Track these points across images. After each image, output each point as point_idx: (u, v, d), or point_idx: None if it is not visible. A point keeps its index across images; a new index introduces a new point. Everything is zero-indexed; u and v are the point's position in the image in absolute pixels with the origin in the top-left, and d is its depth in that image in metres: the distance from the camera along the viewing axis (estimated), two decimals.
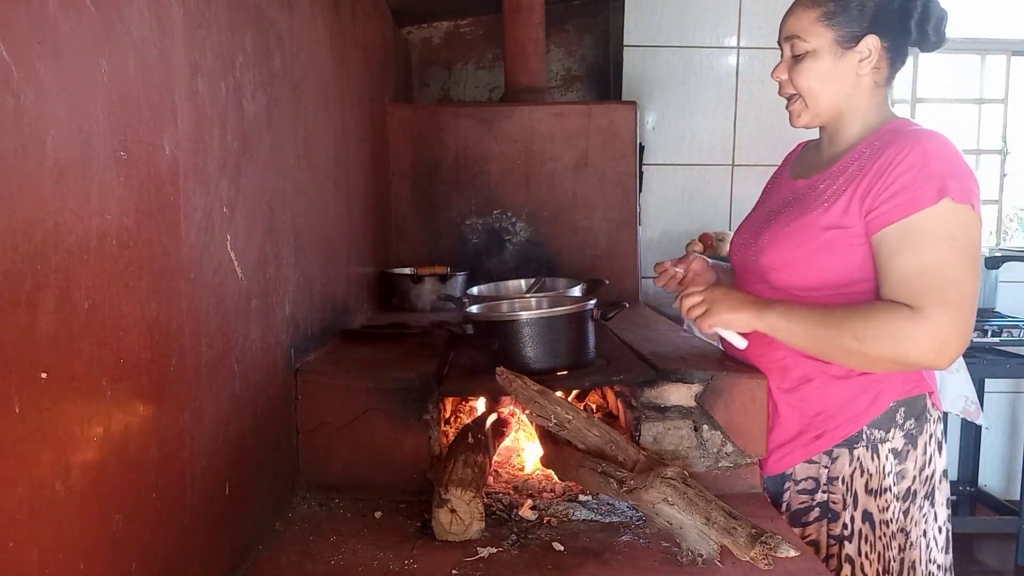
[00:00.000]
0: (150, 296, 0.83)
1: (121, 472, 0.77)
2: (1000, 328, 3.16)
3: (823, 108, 1.36)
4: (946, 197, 1.19)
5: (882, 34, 1.31)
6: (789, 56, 1.36)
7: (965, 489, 3.57)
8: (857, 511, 1.34)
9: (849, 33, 1.30)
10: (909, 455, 1.34)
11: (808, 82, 1.34)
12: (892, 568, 1.34)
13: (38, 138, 0.63)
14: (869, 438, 1.33)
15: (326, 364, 1.48)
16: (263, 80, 1.25)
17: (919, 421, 1.35)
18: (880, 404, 1.33)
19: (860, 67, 1.32)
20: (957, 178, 1.20)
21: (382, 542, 1.21)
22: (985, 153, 3.85)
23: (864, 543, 1.34)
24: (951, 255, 1.19)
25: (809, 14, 1.32)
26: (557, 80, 3.66)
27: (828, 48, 1.31)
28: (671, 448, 1.41)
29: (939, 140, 1.26)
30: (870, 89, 1.35)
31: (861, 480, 1.34)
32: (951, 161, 1.22)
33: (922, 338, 1.18)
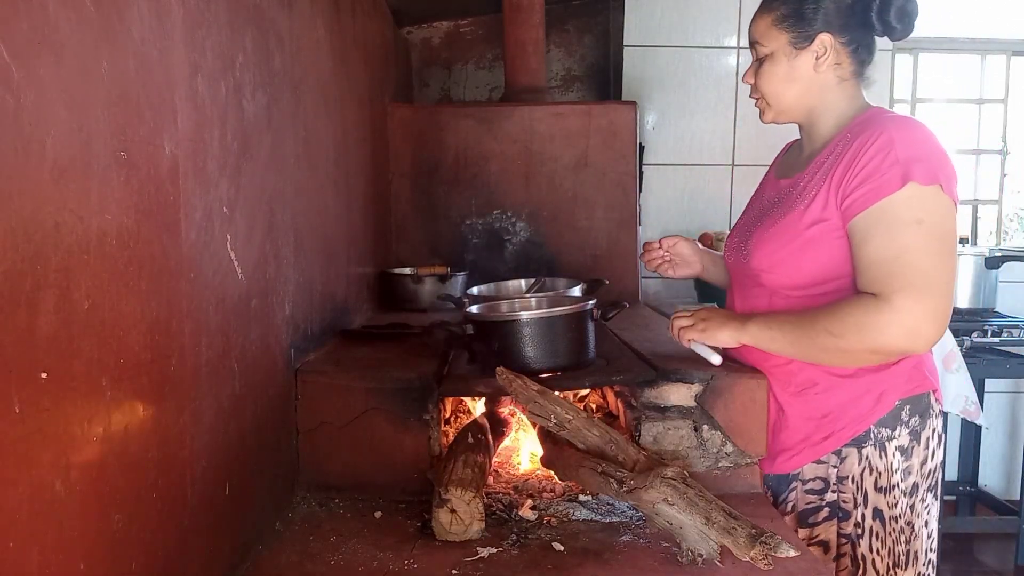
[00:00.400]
0: (150, 296, 0.83)
1: (121, 472, 0.77)
2: (1000, 328, 3.16)
3: (786, 106, 1.41)
4: (911, 181, 1.20)
5: (836, 31, 1.34)
6: (754, 59, 1.42)
7: (965, 489, 3.57)
8: (868, 509, 1.36)
9: (801, 34, 1.34)
10: (914, 451, 1.36)
11: (768, 84, 1.39)
12: (901, 561, 1.36)
13: (38, 138, 0.63)
14: (877, 437, 1.35)
15: (326, 364, 1.48)
16: (263, 80, 1.25)
17: (923, 418, 1.37)
18: (885, 403, 1.34)
19: (817, 64, 1.36)
20: (922, 160, 1.21)
21: (382, 542, 1.21)
22: (985, 153, 3.85)
23: (875, 540, 1.36)
24: (917, 239, 1.20)
25: (765, 20, 1.38)
26: (557, 80, 3.66)
27: (783, 50, 1.36)
28: (671, 448, 1.41)
29: (906, 125, 1.28)
30: (835, 84, 1.38)
31: (871, 479, 1.35)
32: (916, 144, 1.23)
33: (890, 325, 1.19)
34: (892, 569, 1.36)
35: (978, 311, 3.33)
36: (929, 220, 1.20)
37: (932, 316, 1.19)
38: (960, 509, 3.57)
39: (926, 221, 1.20)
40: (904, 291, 1.18)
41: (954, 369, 2.88)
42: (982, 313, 3.32)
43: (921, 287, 1.18)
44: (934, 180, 1.21)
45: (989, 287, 3.34)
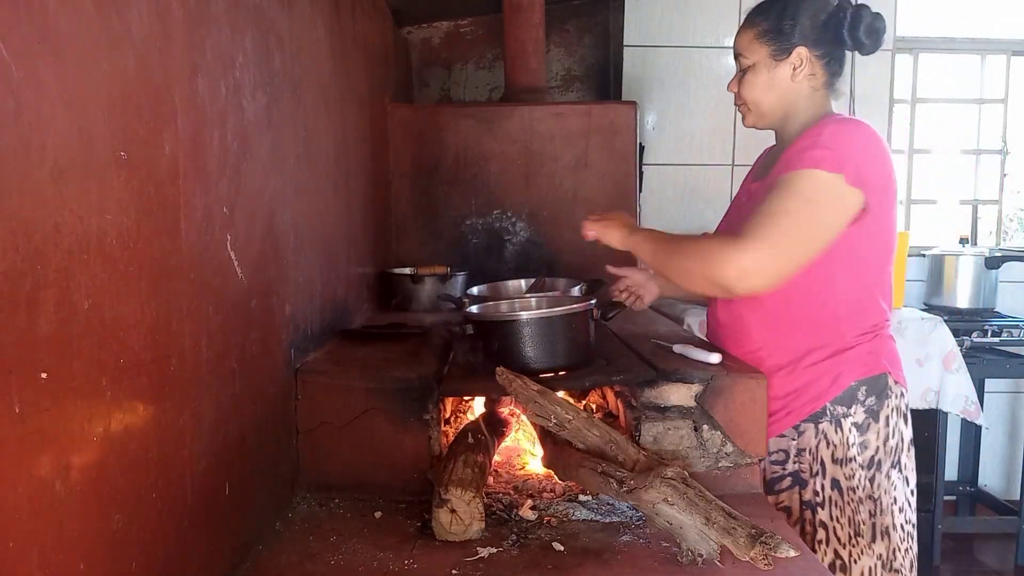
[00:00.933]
0: (150, 296, 0.83)
1: (121, 472, 0.77)
2: (1000, 328, 3.16)
3: (765, 112, 1.55)
4: (818, 168, 1.35)
5: (811, 45, 1.48)
6: (738, 70, 1.56)
7: (965, 489, 3.57)
8: (826, 479, 1.48)
9: (780, 47, 1.49)
10: (871, 428, 1.48)
11: (750, 92, 1.54)
12: (863, 531, 1.47)
13: (38, 138, 0.63)
14: (832, 413, 1.47)
15: (326, 364, 1.48)
16: (263, 80, 1.25)
17: (880, 398, 1.49)
18: (840, 383, 1.47)
19: (794, 75, 1.50)
20: (836, 150, 1.36)
21: (382, 542, 1.21)
22: (985, 153, 3.86)
23: (835, 508, 1.47)
24: (799, 211, 1.35)
25: (748, 34, 1.52)
26: (557, 80, 3.66)
27: (764, 62, 1.51)
28: (671, 448, 1.41)
29: (845, 124, 1.44)
30: (808, 93, 1.52)
31: (827, 451, 1.48)
32: (839, 138, 1.39)
33: (729, 261, 1.34)
34: (853, 538, 1.46)
35: (978, 311, 3.33)
36: (819, 204, 1.36)
37: (765, 268, 1.34)
38: (960, 509, 3.57)
39: (815, 203, 1.36)
40: (758, 238, 1.33)
41: (954, 369, 2.88)
42: (982, 313, 3.32)
43: (773, 242, 1.33)
44: (839, 170, 1.35)
45: (989, 287, 3.34)
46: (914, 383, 2.88)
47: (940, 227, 3.93)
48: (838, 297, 1.46)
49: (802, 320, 1.48)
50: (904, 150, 3.84)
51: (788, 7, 1.48)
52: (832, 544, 1.46)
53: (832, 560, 1.46)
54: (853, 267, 1.45)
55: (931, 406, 2.90)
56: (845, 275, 1.45)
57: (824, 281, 1.44)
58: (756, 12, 1.53)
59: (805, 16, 1.47)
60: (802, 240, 1.36)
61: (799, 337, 1.48)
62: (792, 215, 1.35)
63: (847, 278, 1.46)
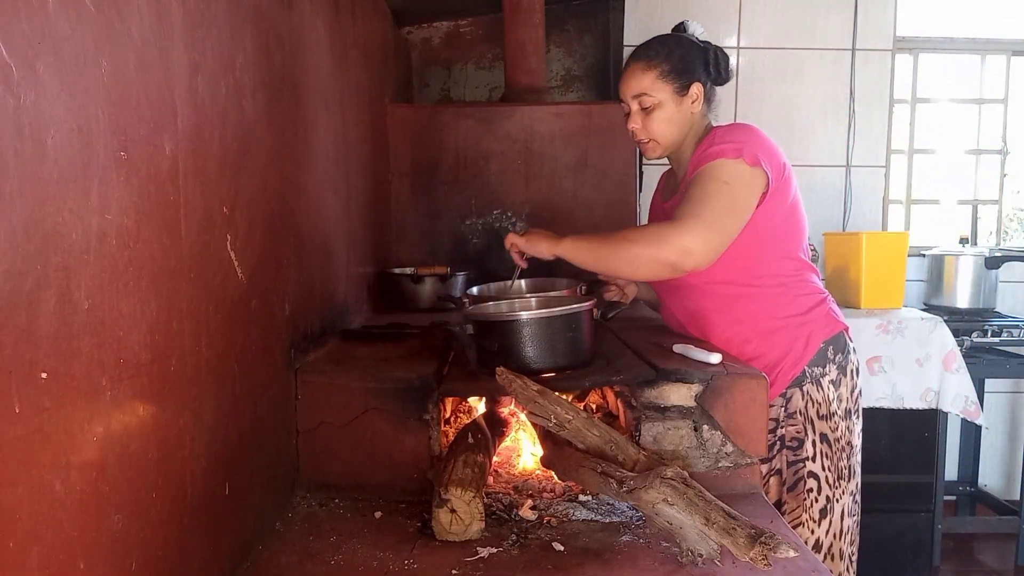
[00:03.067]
0: (150, 296, 0.83)
1: (121, 472, 0.77)
2: (1000, 328, 3.16)
3: (669, 143, 1.72)
4: (721, 157, 1.57)
5: (700, 80, 1.69)
6: (638, 109, 1.70)
7: (965, 489, 3.57)
8: (816, 435, 1.64)
9: (682, 84, 1.67)
10: (842, 382, 1.67)
11: (659, 127, 1.69)
12: (844, 475, 1.66)
13: (38, 138, 0.63)
14: (812, 375, 1.64)
15: (326, 364, 1.48)
16: (263, 80, 1.25)
17: (844, 354, 1.68)
18: (812, 345, 1.64)
19: (692, 107, 1.69)
20: (730, 143, 1.57)
21: (382, 542, 1.21)
22: (985, 153, 3.85)
23: (825, 459, 1.64)
24: (719, 192, 1.54)
25: (649, 74, 1.67)
26: (557, 80, 3.66)
27: (670, 99, 1.68)
28: (671, 448, 1.41)
29: (730, 126, 1.66)
30: (698, 119, 1.72)
31: (813, 410, 1.64)
32: (731, 134, 1.61)
33: (674, 240, 1.50)
34: (837, 482, 1.65)
35: (978, 311, 3.33)
36: (732, 183, 1.56)
37: (704, 243, 1.50)
38: (960, 509, 3.56)
39: (730, 183, 1.55)
40: (694, 219, 1.51)
41: (954, 369, 2.88)
42: (982, 313, 3.32)
43: (706, 221, 1.51)
44: (737, 155, 1.56)
45: (989, 287, 3.34)
46: (914, 383, 2.90)
47: (940, 227, 3.93)
48: (773, 270, 1.64)
49: (751, 296, 1.65)
50: (904, 150, 3.84)
51: (676, 49, 1.68)
52: (824, 490, 1.63)
53: (823, 505, 1.63)
54: (777, 242, 1.63)
55: (931, 406, 2.90)
56: (772, 250, 1.63)
57: (756, 258, 1.62)
58: (649, 55, 1.68)
59: (692, 55, 1.68)
60: (728, 215, 1.54)
61: (758, 310, 1.65)
62: (715, 196, 1.54)
63: (775, 252, 1.64)
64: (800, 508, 1.62)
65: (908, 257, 3.15)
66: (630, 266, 1.58)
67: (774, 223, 1.61)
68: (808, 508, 1.62)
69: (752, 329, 1.65)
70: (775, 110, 3.53)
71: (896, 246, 3.10)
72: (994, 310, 3.37)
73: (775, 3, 3.48)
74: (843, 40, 3.54)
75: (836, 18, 3.53)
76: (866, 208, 3.61)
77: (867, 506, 1.80)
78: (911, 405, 2.90)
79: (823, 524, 1.63)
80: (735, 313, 1.65)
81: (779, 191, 1.59)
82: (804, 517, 1.62)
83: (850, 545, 1.69)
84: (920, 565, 3.05)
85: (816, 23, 3.54)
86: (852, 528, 1.69)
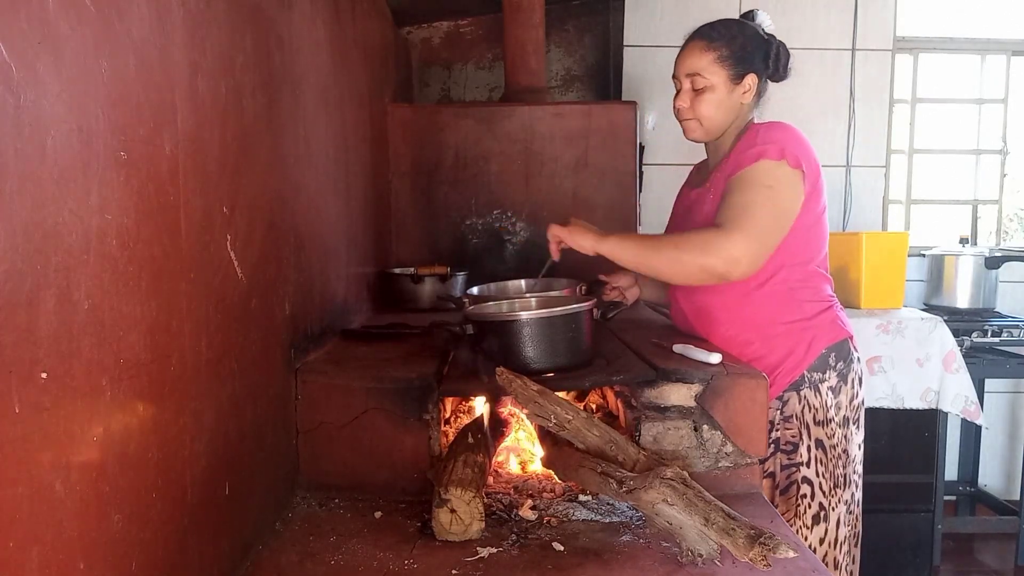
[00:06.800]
0: (150, 296, 0.83)
1: (121, 472, 0.77)
2: (1000, 328, 3.16)
3: (714, 128, 1.70)
4: (764, 158, 1.57)
5: (757, 71, 1.67)
6: (689, 88, 1.69)
7: (965, 489, 3.57)
8: (811, 440, 1.63)
9: (737, 72, 1.66)
10: (842, 390, 1.66)
11: (707, 110, 1.67)
12: (840, 483, 1.65)
13: (38, 138, 0.63)
14: (810, 380, 1.63)
15: (326, 364, 1.48)
16: (263, 80, 1.25)
17: (847, 362, 1.67)
18: (814, 351, 1.63)
19: (743, 97, 1.68)
20: (774, 143, 1.57)
21: (382, 542, 1.21)
22: (985, 153, 3.85)
23: (820, 465, 1.63)
24: (762, 198, 1.54)
25: (707, 56, 1.65)
26: (557, 80, 3.66)
27: (723, 84, 1.66)
28: (671, 448, 1.41)
29: (771, 124, 1.65)
30: (745, 111, 1.71)
31: (810, 415, 1.63)
32: (772, 133, 1.61)
33: (721, 249, 1.50)
34: (833, 490, 1.64)
35: (978, 311, 3.33)
36: (776, 188, 1.55)
37: (749, 252, 1.50)
38: (960, 509, 3.57)
39: (774, 188, 1.55)
40: (739, 229, 1.51)
41: (954, 369, 2.88)
42: (982, 313, 3.32)
43: (750, 230, 1.51)
44: (780, 156, 1.56)
45: (989, 287, 3.34)
46: (914, 383, 2.90)
47: (940, 227, 3.93)
48: (787, 273, 1.63)
49: (758, 298, 1.64)
50: (904, 150, 3.84)
51: (739, 36, 1.66)
52: (817, 497, 1.62)
53: (816, 512, 1.63)
54: (796, 247, 1.61)
55: (931, 406, 2.90)
56: (790, 255, 1.61)
57: (772, 260, 1.59)
58: (711, 36, 1.66)
59: (753, 46, 1.66)
60: (772, 223, 1.55)
61: (763, 313, 1.64)
62: (759, 204, 1.54)
63: (792, 258, 1.62)
64: (791, 512, 1.62)
65: (908, 257, 3.15)
66: (674, 271, 1.57)
67: (798, 229, 1.59)
68: (801, 514, 1.62)
69: (755, 330, 1.64)
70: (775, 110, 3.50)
71: (896, 246, 3.10)
72: (994, 310, 3.37)
73: (775, 3, 3.48)
74: (843, 40, 3.54)
75: (836, 18, 3.53)
76: (866, 208, 3.61)
77: (867, 506, 1.80)
78: (911, 405, 2.90)
79: (816, 531, 1.62)
80: (740, 312, 1.65)
81: (811, 197, 1.59)
82: (797, 523, 1.62)
83: (846, 555, 1.67)
84: (920, 565, 3.05)
85: (816, 23, 3.54)
86: (848, 538, 1.67)
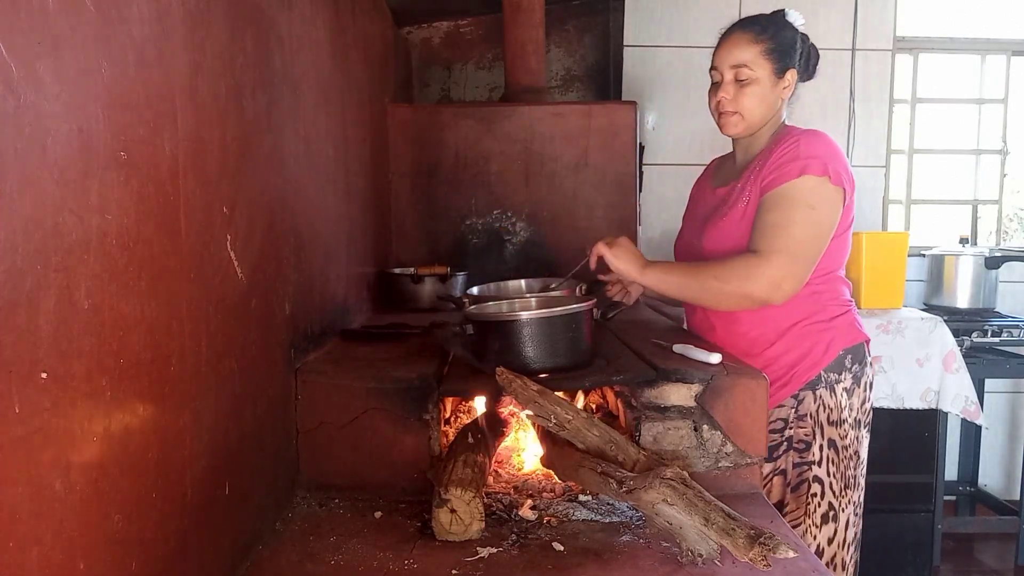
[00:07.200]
0: (150, 296, 0.83)
1: (121, 472, 0.77)
2: (1000, 328, 3.16)
3: (754, 122, 1.68)
4: (807, 174, 1.53)
5: (796, 68, 1.67)
6: (732, 80, 1.66)
7: (965, 489, 3.57)
8: (824, 440, 1.63)
9: (780, 67, 1.65)
10: (855, 392, 1.66)
11: (750, 103, 1.65)
12: (851, 484, 1.66)
13: (38, 138, 0.63)
14: (827, 380, 1.63)
15: (326, 364, 1.48)
16: (263, 80, 1.25)
17: (861, 365, 1.67)
18: (831, 352, 1.63)
19: (783, 93, 1.67)
20: (817, 158, 1.54)
21: (382, 542, 1.21)
22: (985, 153, 3.85)
23: (831, 465, 1.63)
24: (803, 218, 1.53)
25: (755, 47, 1.64)
26: (557, 80, 3.66)
27: (768, 78, 1.64)
28: (671, 448, 1.41)
29: (812, 134, 1.62)
30: (782, 108, 1.70)
31: (824, 415, 1.63)
32: (815, 146, 1.57)
33: (762, 276, 1.50)
34: (844, 491, 1.64)
35: (978, 311, 3.33)
36: (818, 208, 1.54)
37: (793, 275, 1.51)
38: (960, 509, 3.57)
39: (815, 208, 1.53)
40: (780, 252, 1.51)
41: (954, 369, 2.88)
42: (982, 313, 3.32)
43: (792, 253, 1.51)
44: (824, 173, 1.53)
45: (989, 287, 3.34)
46: (914, 383, 2.90)
47: (940, 227, 3.93)
48: (812, 278, 1.60)
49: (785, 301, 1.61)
50: (904, 150, 3.84)
51: (784, 30, 1.65)
52: (827, 497, 1.63)
53: (825, 511, 1.63)
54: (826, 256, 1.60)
55: (931, 406, 2.90)
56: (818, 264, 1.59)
57: None
58: (757, 29, 1.64)
59: (794, 41, 1.66)
60: (813, 244, 1.54)
61: (783, 313, 1.63)
62: (800, 223, 1.52)
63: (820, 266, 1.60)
64: (801, 510, 1.63)
65: (908, 257, 3.15)
66: (717, 300, 1.59)
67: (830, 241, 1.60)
68: (811, 513, 1.62)
69: (777, 331, 1.65)
70: None
71: (896, 246, 3.10)
72: (994, 310, 3.37)
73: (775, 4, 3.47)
74: (843, 40, 3.54)
75: (836, 18, 3.53)
76: (866, 208, 3.60)
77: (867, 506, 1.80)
78: (911, 405, 2.90)
79: (824, 530, 1.63)
80: (764, 314, 1.64)
81: (844, 211, 1.59)
82: (806, 521, 1.62)
83: (851, 556, 1.68)
84: (920, 565, 3.05)
85: (816, 23, 3.54)
86: (854, 539, 1.68)
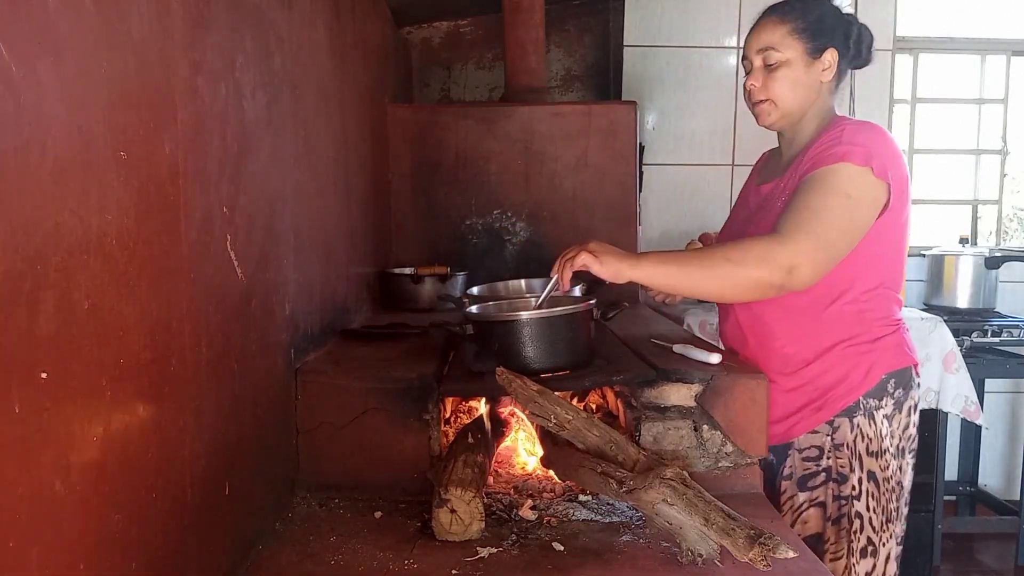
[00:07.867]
0: (150, 296, 0.83)
1: (121, 472, 0.77)
2: (1000, 328, 3.16)
3: (791, 110, 1.53)
4: (847, 161, 1.40)
5: (837, 47, 1.51)
6: (761, 65, 1.53)
7: (965, 489, 3.57)
8: (863, 472, 1.49)
9: (816, 46, 1.50)
10: (895, 418, 1.51)
11: (781, 88, 1.51)
12: (892, 517, 1.52)
13: (38, 138, 0.63)
14: (865, 407, 1.49)
15: (326, 364, 1.48)
16: (263, 80, 1.25)
17: (906, 390, 1.52)
18: (873, 376, 1.49)
19: (823, 75, 1.52)
20: (860, 146, 1.40)
21: (382, 542, 1.21)
22: (985, 153, 3.85)
23: (871, 499, 1.50)
24: (839, 206, 1.38)
25: (781, 28, 1.50)
26: (557, 80, 3.66)
27: (800, 58, 1.50)
28: (671, 448, 1.41)
29: (860, 123, 1.49)
30: (826, 95, 1.55)
31: (863, 444, 1.49)
32: (860, 135, 1.43)
33: (779, 257, 1.34)
34: (885, 525, 1.51)
35: (978, 311, 3.33)
36: (856, 198, 1.39)
37: (812, 261, 1.35)
38: (960, 509, 3.56)
39: (853, 198, 1.39)
40: (804, 233, 1.35)
41: (954, 369, 2.88)
42: (982, 313, 3.32)
43: (818, 237, 1.35)
44: (866, 163, 1.39)
45: (989, 287, 3.34)
46: None
47: (940, 227, 3.93)
48: (856, 289, 1.47)
49: (825, 314, 1.49)
50: (904, 150, 3.84)
51: (815, 8, 1.50)
52: (867, 532, 1.50)
53: (864, 545, 1.50)
54: (871, 260, 1.47)
55: (931, 406, 2.90)
56: (863, 268, 1.46)
57: (840, 276, 1.44)
58: (784, 9, 1.52)
59: (832, 19, 1.51)
60: (842, 232, 1.39)
61: (823, 330, 1.49)
62: (830, 209, 1.38)
63: (865, 271, 1.47)
64: (841, 543, 1.51)
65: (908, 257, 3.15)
66: (726, 287, 1.40)
67: (876, 244, 1.45)
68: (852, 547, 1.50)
69: (816, 350, 1.50)
70: None
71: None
72: (994, 310, 3.37)
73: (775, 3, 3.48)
74: None
75: None
76: None
77: None
78: None
79: (863, 564, 1.50)
80: (800, 328, 1.51)
81: (895, 211, 1.43)
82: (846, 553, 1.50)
83: None
84: (920, 565, 3.05)
85: None
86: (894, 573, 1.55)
